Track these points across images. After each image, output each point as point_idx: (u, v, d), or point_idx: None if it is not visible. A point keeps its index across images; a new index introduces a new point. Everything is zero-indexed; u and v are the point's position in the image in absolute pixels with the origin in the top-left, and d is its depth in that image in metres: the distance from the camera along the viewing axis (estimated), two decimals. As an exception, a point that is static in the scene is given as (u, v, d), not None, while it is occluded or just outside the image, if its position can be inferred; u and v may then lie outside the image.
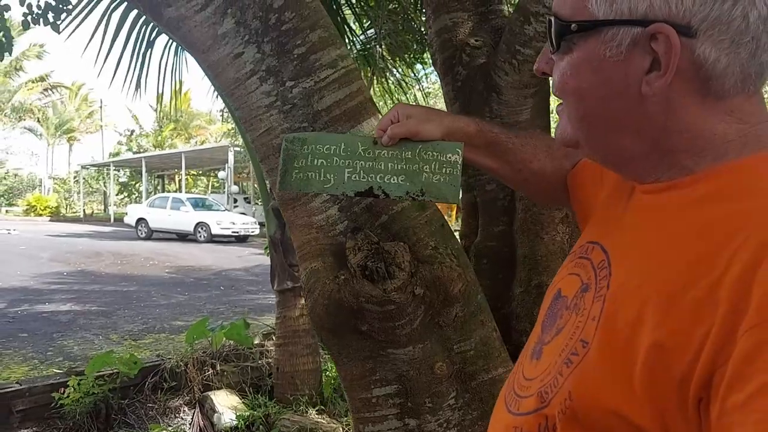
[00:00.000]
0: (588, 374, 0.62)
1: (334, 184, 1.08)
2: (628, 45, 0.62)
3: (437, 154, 1.04)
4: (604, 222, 0.79)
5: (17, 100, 37.73)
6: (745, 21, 0.58)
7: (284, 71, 1.70)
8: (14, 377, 4.89)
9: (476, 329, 1.79)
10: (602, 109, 0.67)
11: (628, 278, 0.63)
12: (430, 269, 1.71)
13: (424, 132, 1.02)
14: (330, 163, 1.08)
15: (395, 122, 1.03)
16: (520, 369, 0.79)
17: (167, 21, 1.68)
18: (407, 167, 1.05)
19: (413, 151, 1.04)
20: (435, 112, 1.09)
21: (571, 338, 0.67)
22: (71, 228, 25.49)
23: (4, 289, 9.53)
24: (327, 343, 1.82)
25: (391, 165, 1.06)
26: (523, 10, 1.84)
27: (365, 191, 1.08)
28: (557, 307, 0.76)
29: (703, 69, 0.60)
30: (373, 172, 1.06)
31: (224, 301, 9.02)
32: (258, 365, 5.01)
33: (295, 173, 1.10)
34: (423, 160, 1.04)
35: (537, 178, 1.09)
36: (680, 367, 0.52)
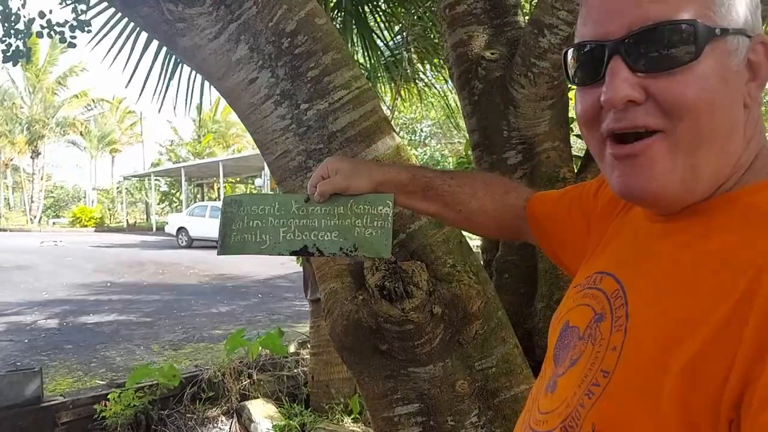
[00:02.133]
0: (612, 404, 0.61)
1: (270, 245, 1.08)
2: (744, 55, 0.62)
3: (368, 207, 1.04)
4: (606, 251, 0.79)
5: (61, 115, 38.93)
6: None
7: (298, 94, 1.72)
8: (59, 389, 5.04)
9: (497, 346, 1.77)
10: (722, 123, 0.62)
11: (648, 306, 0.63)
12: (448, 287, 1.70)
13: (353, 186, 1.02)
14: (265, 224, 1.08)
15: (325, 178, 1.02)
16: (535, 404, 0.78)
17: (182, 50, 1.71)
18: (340, 223, 1.05)
19: (345, 206, 1.04)
20: (364, 164, 1.09)
21: (591, 369, 0.66)
22: (115, 238, 26.16)
23: (51, 301, 9.83)
24: (348, 363, 1.83)
25: (324, 221, 1.05)
26: (536, 22, 1.82)
27: (300, 250, 1.07)
28: (568, 338, 0.75)
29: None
30: (307, 230, 1.06)
31: (262, 309, 9.13)
32: (294, 374, 5.06)
33: (234, 236, 1.09)
34: (355, 215, 1.04)
35: (480, 217, 1.10)
36: (711, 390, 0.52)
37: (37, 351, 6.59)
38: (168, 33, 1.68)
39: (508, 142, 2.04)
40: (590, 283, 0.76)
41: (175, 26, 1.65)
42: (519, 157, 2.05)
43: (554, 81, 1.89)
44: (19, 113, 36.70)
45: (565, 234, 0.97)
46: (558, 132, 1.99)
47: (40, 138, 37.42)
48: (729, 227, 0.60)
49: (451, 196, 1.08)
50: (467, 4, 2.11)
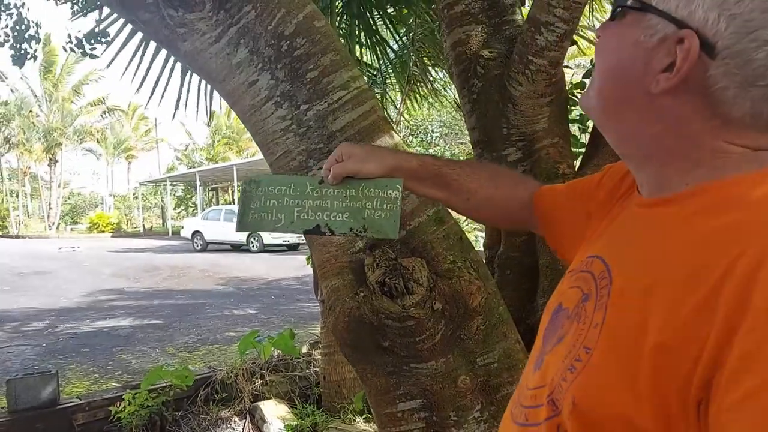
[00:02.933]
0: (591, 379, 0.63)
1: (285, 224, 1.13)
2: (660, 38, 0.66)
3: (378, 191, 1.08)
4: (601, 237, 0.81)
5: (78, 123, 39.42)
6: (764, 66, 0.60)
7: (298, 95, 1.74)
8: (76, 392, 5.11)
9: (499, 341, 1.79)
10: (616, 86, 0.71)
11: (629, 286, 0.65)
12: (448, 283, 1.72)
13: (365, 170, 1.06)
14: (281, 204, 1.13)
15: (339, 162, 1.07)
16: (524, 383, 0.80)
17: (184, 54, 1.75)
18: (351, 205, 1.09)
19: (356, 188, 1.09)
20: (377, 150, 1.14)
21: (574, 345, 0.68)
22: (131, 243, 26.41)
23: (68, 306, 9.96)
24: (351, 360, 1.85)
25: (336, 203, 1.10)
26: (533, 20, 1.83)
27: (313, 229, 1.12)
28: (558, 319, 0.78)
29: (710, 90, 0.63)
30: (320, 211, 1.11)
31: (275, 311, 9.18)
32: (305, 374, 5.09)
33: (251, 214, 1.15)
34: (366, 197, 1.09)
35: (488, 205, 1.13)
36: (682, 370, 0.54)
37: (54, 355, 6.68)
38: (169, 38, 1.72)
39: (507, 139, 2.06)
40: (582, 267, 0.79)
41: (176, 31, 1.69)
42: (519, 153, 2.06)
43: (552, 78, 1.90)
44: (37, 122, 37.19)
45: (568, 225, 0.99)
46: (557, 128, 2.00)
47: (57, 146, 37.89)
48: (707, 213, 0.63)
49: (459, 185, 1.11)
50: (465, 3, 2.12)
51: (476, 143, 2.18)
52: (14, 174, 41.48)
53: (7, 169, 40.39)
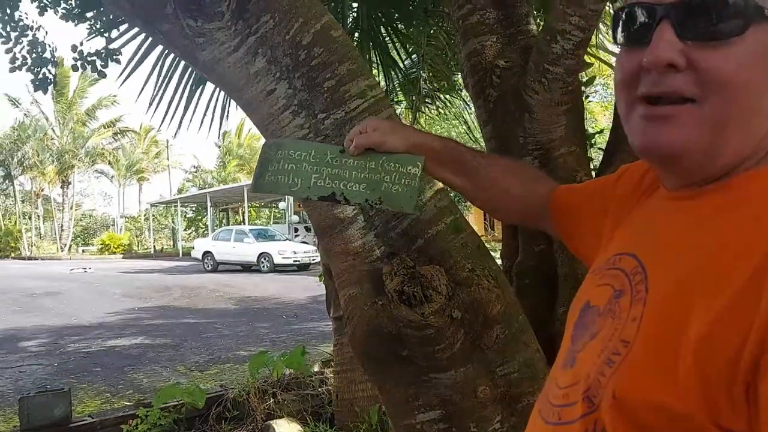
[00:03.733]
0: (632, 371, 0.62)
1: (300, 188, 1.13)
2: None
3: (398, 165, 1.07)
4: (627, 234, 0.80)
5: (90, 145, 39.84)
6: None
7: (316, 104, 1.75)
8: (87, 411, 5.09)
9: (519, 351, 1.76)
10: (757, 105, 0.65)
11: (667, 278, 0.64)
12: (467, 291, 1.70)
13: (388, 143, 1.06)
14: (299, 168, 1.13)
15: (363, 133, 1.07)
16: (552, 382, 0.79)
17: (202, 64, 1.76)
18: (369, 176, 1.09)
19: (377, 161, 1.08)
20: (401, 126, 1.13)
21: (611, 340, 0.67)
22: (142, 264, 26.51)
23: (80, 326, 9.98)
24: (369, 370, 1.83)
25: (354, 173, 1.10)
26: (549, 29, 1.83)
27: (328, 196, 1.11)
28: (587, 316, 0.77)
29: None
30: (338, 179, 1.10)
31: (286, 330, 9.15)
32: (318, 393, 5.04)
33: (268, 176, 1.14)
34: (385, 171, 1.08)
35: (504, 198, 1.12)
36: (726, 357, 0.54)
37: (66, 374, 6.67)
38: (188, 48, 1.73)
39: (524, 148, 2.05)
40: (609, 264, 0.77)
41: (195, 41, 1.70)
42: (536, 162, 2.05)
43: (568, 86, 1.90)
44: (50, 144, 37.63)
45: (585, 224, 0.99)
46: (574, 136, 2.00)
47: (69, 168, 38.28)
48: (748, 201, 0.62)
49: (478, 174, 1.10)
50: (480, 14, 2.14)
51: (492, 152, 2.17)
52: (27, 196, 41.89)
53: (21, 192, 40.80)
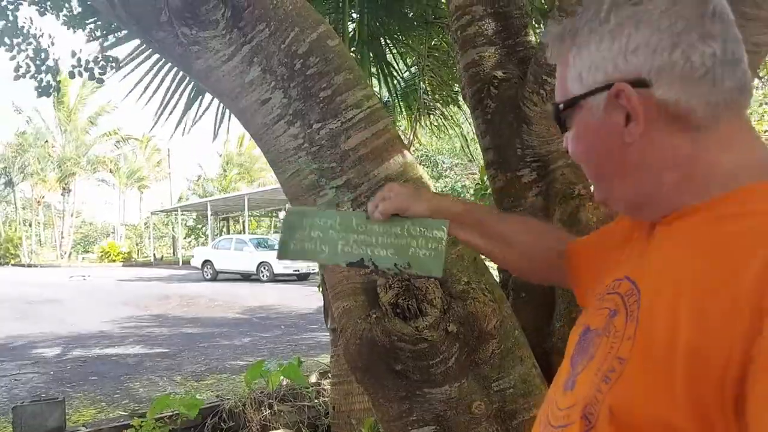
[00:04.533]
0: (628, 387, 0.65)
1: (328, 255, 1.17)
2: (603, 108, 0.73)
3: (423, 229, 1.10)
4: (626, 261, 0.83)
5: (92, 153, 39.90)
6: (688, 63, 0.68)
7: (311, 114, 1.73)
8: (82, 420, 5.05)
9: (515, 366, 1.73)
10: (603, 165, 0.77)
11: (659, 296, 0.67)
12: (463, 305, 1.68)
13: (411, 209, 1.09)
14: (325, 236, 1.17)
15: (387, 199, 1.10)
16: (552, 404, 0.80)
17: (197, 72, 1.75)
18: (396, 241, 1.12)
19: (402, 226, 1.11)
20: (424, 191, 1.19)
21: (606, 358, 0.70)
22: (142, 272, 26.46)
23: (77, 334, 9.92)
24: (362, 384, 1.80)
25: (381, 239, 1.13)
26: (547, 39, 1.82)
27: (357, 262, 1.14)
28: (587, 340, 0.79)
29: (669, 109, 0.69)
30: (365, 245, 1.14)
31: (285, 341, 9.10)
32: (314, 404, 5.00)
33: (294, 244, 1.18)
34: (410, 236, 1.11)
35: (526, 258, 1.14)
36: (716, 369, 0.56)
37: (62, 382, 6.63)
38: (182, 56, 1.72)
39: (522, 160, 2.03)
40: (608, 290, 0.80)
41: (190, 49, 1.69)
42: (533, 174, 2.03)
43: (567, 98, 1.88)
44: (51, 152, 37.69)
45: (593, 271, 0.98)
46: (572, 149, 1.97)
47: (70, 175, 38.31)
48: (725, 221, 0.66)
49: (501, 235, 1.14)
50: (478, 25, 2.12)
51: (490, 164, 2.15)
52: (28, 203, 41.91)
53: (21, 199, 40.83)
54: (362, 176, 1.72)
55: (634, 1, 0.71)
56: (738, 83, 0.69)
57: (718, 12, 0.69)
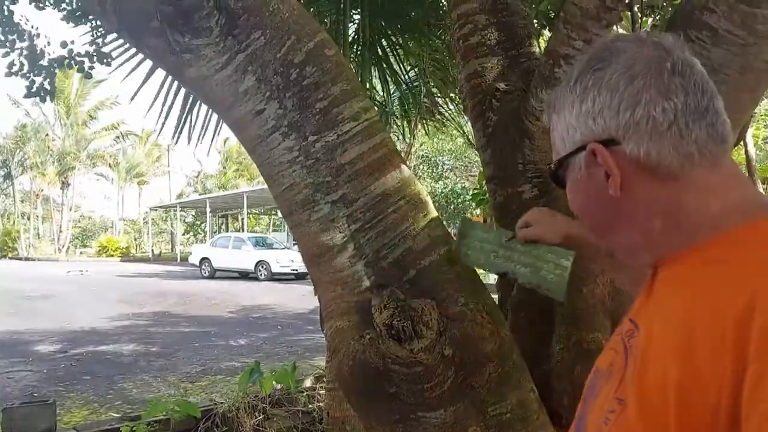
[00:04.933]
0: (626, 428, 0.68)
1: (483, 263, 1.41)
2: (585, 166, 0.79)
3: (554, 256, 1.28)
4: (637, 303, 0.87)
5: (92, 147, 39.82)
6: (650, 119, 0.73)
7: (306, 126, 1.68)
8: (74, 421, 5.00)
9: (512, 390, 1.68)
10: (596, 217, 0.84)
11: (652, 338, 0.70)
12: (459, 327, 1.62)
13: (545, 238, 1.26)
14: (483, 247, 1.41)
15: (529, 225, 1.28)
16: None
17: (189, 81, 1.69)
18: (532, 262, 1.32)
19: (538, 251, 1.30)
20: (560, 218, 1.30)
21: (607, 399, 0.74)
22: (140, 268, 26.40)
23: (72, 331, 9.87)
24: (354, 406, 1.75)
25: (522, 258, 1.33)
26: (552, 53, 1.76)
27: (502, 273, 1.38)
28: (595, 380, 0.83)
29: (641, 162, 0.74)
30: (510, 261, 1.35)
31: (281, 342, 9.05)
32: (309, 410, 4.95)
33: (463, 249, 1.45)
34: (544, 260, 1.30)
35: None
36: (707, 408, 0.59)
37: (54, 381, 6.57)
38: (175, 64, 1.66)
39: (523, 175, 1.97)
40: (617, 332, 0.85)
41: (182, 57, 1.63)
42: (535, 191, 1.97)
43: (571, 113, 1.82)
44: (51, 145, 37.61)
45: None
46: (576, 165, 1.92)
47: (70, 169, 38.25)
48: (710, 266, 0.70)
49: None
50: (481, 35, 2.06)
51: (490, 179, 2.10)
52: (27, 196, 41.84)
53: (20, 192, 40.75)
54: (359, 191, 1.66)
55: (596, 68, 0.77)
56: (707, 132, 0.73)
57: (678, 68, 0.74)
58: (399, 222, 1.67)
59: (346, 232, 1.67)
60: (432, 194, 20.94)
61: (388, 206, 1.67)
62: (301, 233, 1.73)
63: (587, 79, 0.78)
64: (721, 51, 1.58)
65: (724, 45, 1.58)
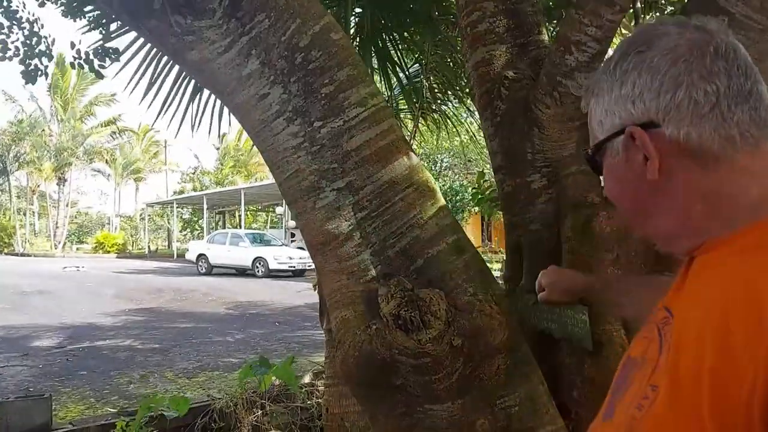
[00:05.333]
0: (659, 415, 0.66)
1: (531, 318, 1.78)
2: (623, 150, 0.78)
3: (573, 312, 1.58)
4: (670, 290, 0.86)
5: (88, 143, 39.64)
6: (692, 101, 0.71)
7: (312, 111, 1.63)
8: (70, 417, 4.94)
9: (521, 383, 1.65)
10: (633, 202, 0.82)
11: (687, 325, 0.69)
12: (468, 318, 1.59)
13: (556, 300, 1.41)
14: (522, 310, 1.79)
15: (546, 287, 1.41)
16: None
17: (190, 64, 1.65)
18: (558, 318, 1.65)
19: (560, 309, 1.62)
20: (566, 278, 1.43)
21: (641, 386, 0.72)
22: (136, 264, 26.28)
23: (69, 326, 9.80)
24: (360, 398, 1.71)
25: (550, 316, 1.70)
26: (563, 39, 1.72)
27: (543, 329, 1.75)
28: (627, 369, 0.82)
29: (681, 145, 0.73)
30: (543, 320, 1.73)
31: (278, 338, 8.99)
32: (307, 406, 4.91)
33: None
34: (566, 316, 1.61)
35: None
36: (743, 392, 0.57)
37: (51, 376, 6.51)
38: (175, 46, 1.62)
39: (532, 165, 1.93)
40: (649, 320, 0.84)
41: (184, 39, 1.59)
42: (543, 180, 1.93)
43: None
44: (48, 141, 37.45)
45: None
46: (586, 154, 1.88)
47: (67, 165, 38.08)
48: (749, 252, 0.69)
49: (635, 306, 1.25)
50: (489, 22, 2.02)
51: (498, 168, 2.06)
52: (23, 192, 41.67)
53: (16, 188, 40.58)
54: (365, 179, 1.62)
55: (638, 50, 0.76)
56: (750, 116, 0.72)
57: (722, 51, 0.72)
58: (406, 210, 1.63)
59: (352, 220, 1.63)
60: (430, 192, 20.85)
61: (396, 194, 1.63)
62: (305, 221, 1.69)
63: (627, 62, 0.77)
64: (738, 37, 1.53)
65: (742, 31, 1.55)
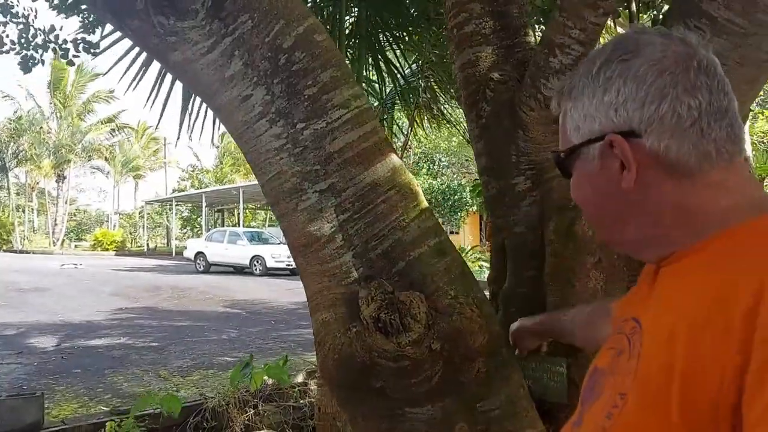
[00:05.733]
0: (628, 421, 0.68)
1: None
2: (599, 157, 0.78)
3: (549, 366, 1.62)
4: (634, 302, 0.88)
5: (87, 140, 39.60)
6: (675, 115, 0.72)
7: (295, 113, 1.63)
8: (63, 415, 4.94)
9: (502, 386, 1.64)
10: (602, 209, 0.83)
11: (657, 333, 0.70)
12: (449, 321, 1.58)
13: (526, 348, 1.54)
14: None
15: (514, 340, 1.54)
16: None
17: (173, 65, 1.64)
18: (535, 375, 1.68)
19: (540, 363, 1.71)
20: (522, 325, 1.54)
21: (611, 395, 0.73)
22: (134, 262, 26.31)
23: (65, 324, 9.81)
24: (340, 401, 1.71)
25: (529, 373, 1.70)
26: (547, 41, 1.72)
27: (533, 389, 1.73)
28: (594, 380, 0.83)
29: (660, 157, 0.73)
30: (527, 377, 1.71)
31: (274, 336, 9.00)
32: (300, 405, 4.91)
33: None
34: (543, 371, 1.65)
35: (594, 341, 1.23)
36: (710, 396, 0.59)
37: (45, 374, 6.51)
38: (159, 47, 1.61)
39: (516, 167, 1.93)
40: (615, 330, 0.85)
41: (166, 40, 1.58)
42: (528, 183, 1.93)
43: (566, 103, 1.78)
44: (47, 138, 37.42)
45: None
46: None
47: (66, 162, 38.06)
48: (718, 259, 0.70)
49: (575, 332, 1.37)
50: (476, 23, 2.02)
51: (483, 170, 2.06)
52: (22, 189, 41.65)
53: (15, 185, 40.56)
54: (347, 180, 1.62)
55: (621, 58, 0.76)
56: (726, 132, 0.73)
57: (704, 66, 0.74)
58: (389, 212, 1.63)
59: (335, 222, 1.62)
60: (429, 191, 20.92)
61: (378, 196, 1.63)
62: (287, 223, 1.69)
63: (612, 69, 0.76)
64: (720, 41, 1.54)
65: (724, 35, 1.54)
